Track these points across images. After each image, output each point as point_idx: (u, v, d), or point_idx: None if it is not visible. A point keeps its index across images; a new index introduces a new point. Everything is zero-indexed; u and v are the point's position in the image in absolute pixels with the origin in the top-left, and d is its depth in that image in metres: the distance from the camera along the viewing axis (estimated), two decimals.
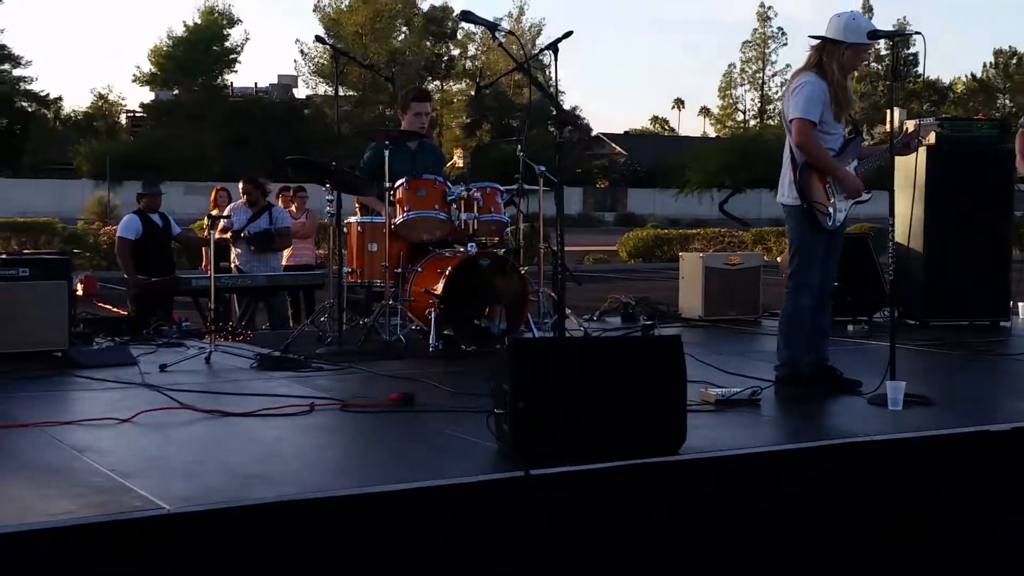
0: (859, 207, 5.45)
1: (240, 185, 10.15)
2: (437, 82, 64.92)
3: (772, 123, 76.09)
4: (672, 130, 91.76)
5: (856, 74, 48.11)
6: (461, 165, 7.24)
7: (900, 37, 5.08)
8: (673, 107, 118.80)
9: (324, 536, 3.26)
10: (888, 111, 5.34)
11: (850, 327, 7.78)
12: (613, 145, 65.92)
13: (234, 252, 9.82)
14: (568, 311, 7.06)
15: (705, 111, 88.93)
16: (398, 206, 6.71)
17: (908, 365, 6.39)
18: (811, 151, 5.14)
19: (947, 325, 7.92)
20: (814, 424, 4.80)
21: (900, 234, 8.28)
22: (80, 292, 9.28)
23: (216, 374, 5.73)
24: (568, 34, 6.19)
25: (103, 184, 42.67)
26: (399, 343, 6.48)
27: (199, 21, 57.23)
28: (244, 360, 6.06)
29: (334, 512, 3.31)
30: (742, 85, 78.40)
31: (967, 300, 8.03)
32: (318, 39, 7.56)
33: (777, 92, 78.78)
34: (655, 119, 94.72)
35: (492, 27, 5.60)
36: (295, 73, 62.91)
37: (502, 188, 6.96)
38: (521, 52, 6.27)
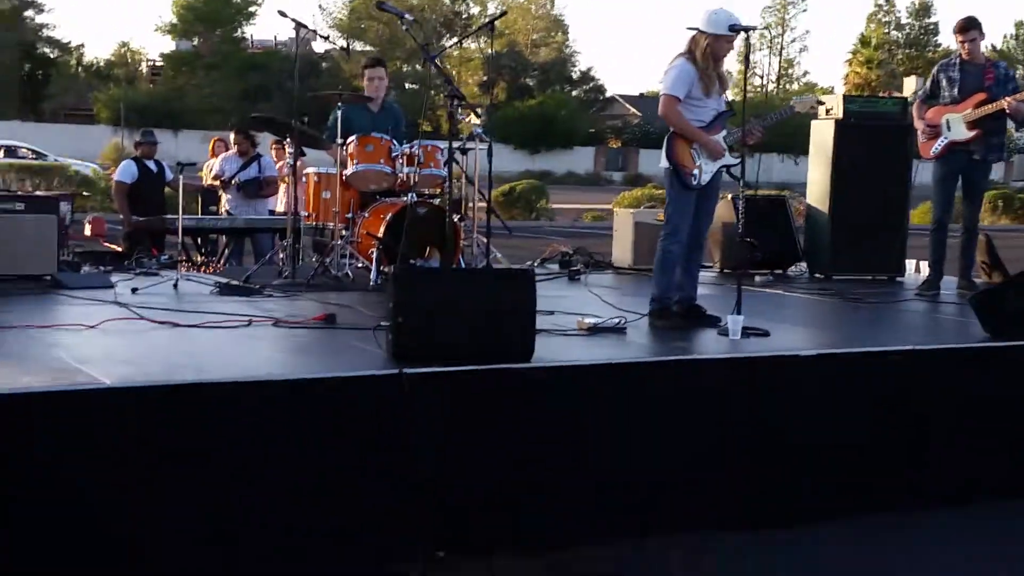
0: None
1: (231, 136, 11.15)
2: (455, 39, 65.55)
3: (794, 88, 76.52)
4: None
5: (874, 41, 48.24)
6: (478, 121, 8.04)
7: (753, 30, 5.97)
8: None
9: (231, 413, 4.22)
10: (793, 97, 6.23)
11: (757, 278, 8.72)
12: (627, 106, 66.53)
13: (225, 198, 10.84)
14: (498, 255, 8.04)
15: (743, 60, 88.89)
16: (349, 159, 7.68)
17: (786, 309, 7.42)
18: (672, 121, 6.08)
19: (849, 279, 8.82)
20: (659, 347, 5.74)
21: (812, 198, 9.27)
22: (89, 232, 10.34)
23: (180, 297, 6.71)
24: (503, 13, 7.14)
25: (121, 130, 43.71)
26: (346, 277, 7.46)
27: None
28: (207, 287, 7.06)
29: (238, 393, 4.26)
30: (760, 50, 78.59)
31: (868, 257, 8.94)
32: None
33: (796, 57, 79.21)
34: None
35: (401, 16, 6.49)
36: (313, 27, 63.57)
37: (441, 146, 7.87)
38: (423, 39, 7.07)
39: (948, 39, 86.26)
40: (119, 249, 9.58)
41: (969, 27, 7.93)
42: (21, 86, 53.26)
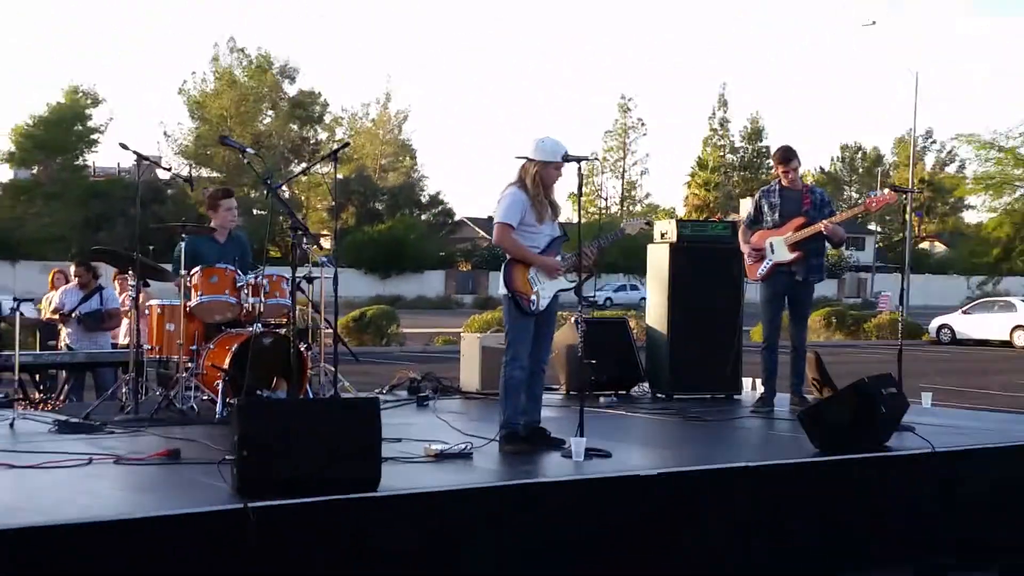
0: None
1: (72, 268, 11.00)
2: (303, 164, 65.83)
3: (636, 209, 78.93)
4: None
5: (710, 164, 50.50)
6: (327, 248, 8.16)
7: (585, 161, 6.28)
8: None
9: (76, 555, 4.16)
10: (624, 219, 6.53)
11: (601, 399, 8.95)
12: (476, 229, 67.68)
13: (64, 331, 10.63)
14: (346, 383, 8.10)
15: (574, 196, 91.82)
16: (193, 291, 7.68)
17: (628, 429, 7.64)
18: (507, 247, 6.32)
19: (689, 398, 9.14)
20: (505, 471, 5.86)
21: (651, 319, 9.61)
22: None
23: (16, 436, 6.56)
24: (345, 145, 7.30)
25: None
26: (191, 411, 7.39)
27: (62, 100, 57.26)
28: (45, 425, 6.90)
29: (84, 535, 4.21)
30: (603, 173, 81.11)
31: (705, 376, 9.27)
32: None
33: (638, 180, 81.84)
34: None
35: (243, 150, 6.65)
36: (158, 154, 63.20)
37: (287, 276, 7.94)
38: (266, 169, 7.22)
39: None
40: None
41: (790, 158, 8.51)
42: None
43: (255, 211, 52.87)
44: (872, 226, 62.57)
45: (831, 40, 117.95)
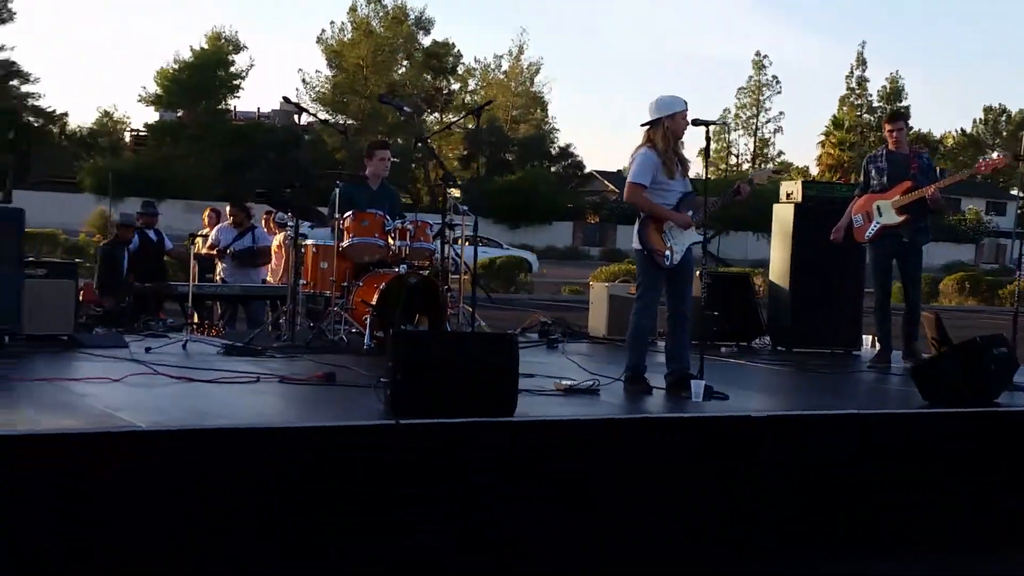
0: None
1: (227, 208, 11.84)
2: (436, 114, 66.77)
3: (769, 167, 78.05)
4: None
5: (846, 123, 49.28)
6: (458, 195, 8.82)
7: (713, 124, 6.68)
8: None
9: (253, 457, 4.82)
10: (752, 169, 6.93)
11: (723, 349, 9.38)
12: (606, 182, 67.68)
13: (220, 266, 11.49)
14: (482, 323, 8.69)
15: (703, 153, 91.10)
16: (345, 233, 8.35)
17: (751, 377, 8.07)
18: (640, 206, 6.73)
19: (809, 352, 9.50)
20: (628, 406, 6.37)
21: (775, 275, 9.98)
22: (80, 298, 10.92)
23: (190, 356, 7.33)
24: (488, 103, 7.89)
25: (105, 199, 44.34)
26: (341, 342, 8.09)
27: (206, 46, 59.11)
28: (214, 348, 7.68)
29: (260, 439, 4.87)
30: (736, 130, 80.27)
31: (826, 331, 9.64)
32: (285, 99, 8.73)
33: (771, 138, 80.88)
34: None
35: (400, 108, 7.22)
36: (296, 100, 64.77)
37: (432, 222, 8.56)
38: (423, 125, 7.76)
39: (918, 122, 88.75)
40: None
41: (897, 118, 8.76)
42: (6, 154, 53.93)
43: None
44: (1015, 191, 60.91)
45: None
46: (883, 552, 6.03)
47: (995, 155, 8.68)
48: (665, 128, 6.69)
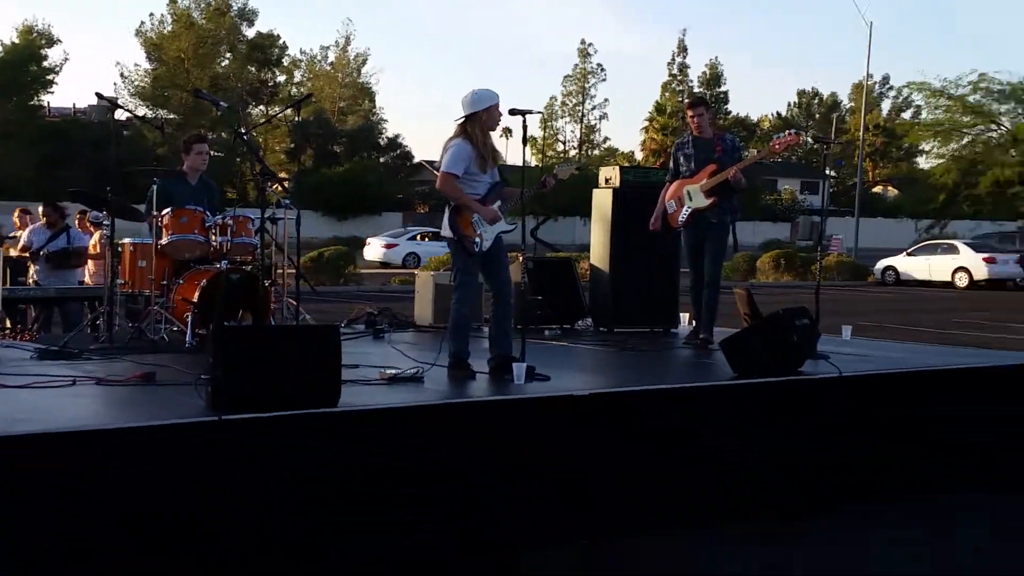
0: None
1: (40, 208, 11.48)
2: (261, 107, 65.66)
3: (595, 153, 79.50)
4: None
5: (668, 109, 50.80)
6: (284, 189, 8.71)
7: (530, 114, 6.84)
8: (501, 135, 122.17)
9: (68, 463, 4.73)
10: (557, 165, 7.10)
11: (546, 332, 9.59)
12: (434, 172, 67.60)
13: (33, 268, 11.14)
14: (307, 317, 8.67)
15: (532, 141, 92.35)
16: (164, 230, 8.21)
17: (569, 358, 8.28)
18: (451, 195, 6.88)
19: (629, 332, 9.80)
20: (452, 391, 6.49)
21: (595, 259, 10.25)
22: None
23: (1, 362, 7.09)
24: (308, 96, 7.93)
25: None
26: (162, 341, 7.95)
27: (17, 40, 56.72)
28: (27, 353, 7.44)
29: (76, 443, 4.78)
30: (563, 117, 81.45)
31: (646, 311, 9.97)
32: (98, 95, 8.49)
33: (597, 124, 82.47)
34: None
35: (216, 103, 7.17)
36: (115, 95, 62.76)
37: (253, 217, 8.48)
38: (248, 118, 7.74)
39: (737, 106, 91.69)
40: None
41: (697, 104, 9.08)
42: None
43: (212, 153, 52.83)
44: (828, 171, 63.76)
45: None
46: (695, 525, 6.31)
47: (786, 133, 9.05)
48: (482, 121, 6.83)
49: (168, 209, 8.26)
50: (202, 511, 4.95)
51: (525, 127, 6.97)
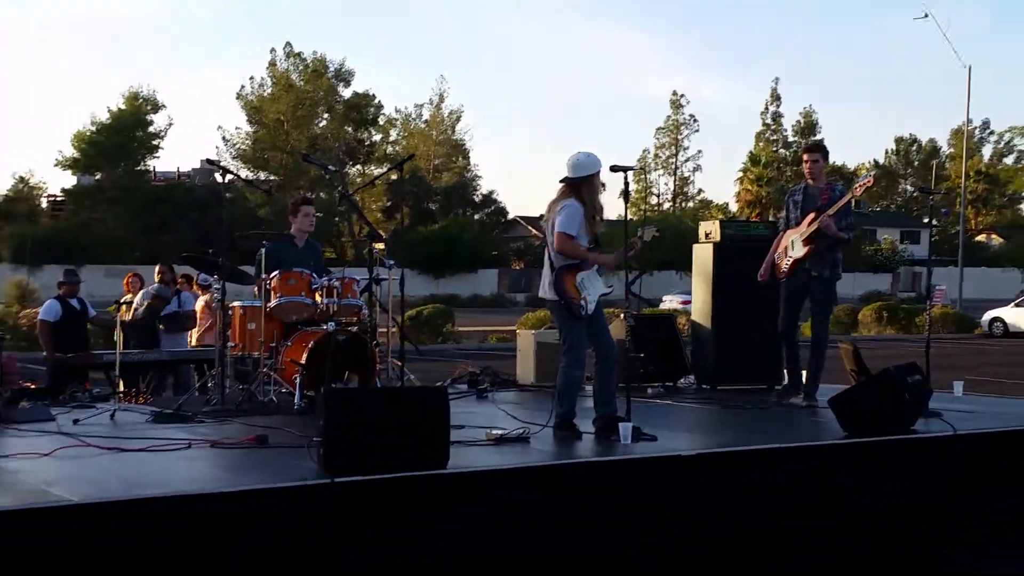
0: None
1: (156, 268, 11.83)
2: (358, 166, 66.84)
3: (690, 206, 79.29)
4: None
5: (763, 159, 50.68)
6: (382, 247, 8.93)
7: (632, 170, 6.90)
8: None
9: (186, 525, 4.84)
10: (639, 228, 7.16)
11: (649, 390, 9.55)
12: (529, 228, 68.20)
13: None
14: (411, 376, 8.76)
15: (624, 194, 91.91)
16: (272, 293, 8.40)
17: (674, 416, 8.24)
18: (573, 254, 6.91)
19: (732, 389, 9.71)
20: (559, 452, 6.49)
21: (697, 314, 10.20)
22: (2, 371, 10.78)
23: (119, 426, 7.29)
24: (411, 156, 8.00)
25: (22, 268, 43.69)
26: (271, 403, 8.10)
27: (123, 106, 58.62)
28: (143, 416, 7.64)
29: (194, 506, 4.89)
30: (656, 170, 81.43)
31: (749, 368, 9.86)
32: (206, 161, 8.90)
33: (691, 176, 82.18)
34: None
35: (325, 168, 7.34)
36: (217, 158, 64.51)
37: (358, 278, 8.63)
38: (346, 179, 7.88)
39: (833, 155, 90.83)
40: (39, 386, 10.05)
41: (813, 149, 8.92)
42: None
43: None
44: (933, 222, 62.74)
45: (884, 33, 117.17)
46: None
47: (865, 177, 8.94)
48: (591, 184, 6.94)
49: (276, 272, 8.44)
50: (319, 573, 5.01)
51: (627, 183, 7.00)
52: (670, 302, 40.35)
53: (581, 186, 6.94)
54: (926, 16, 41.60)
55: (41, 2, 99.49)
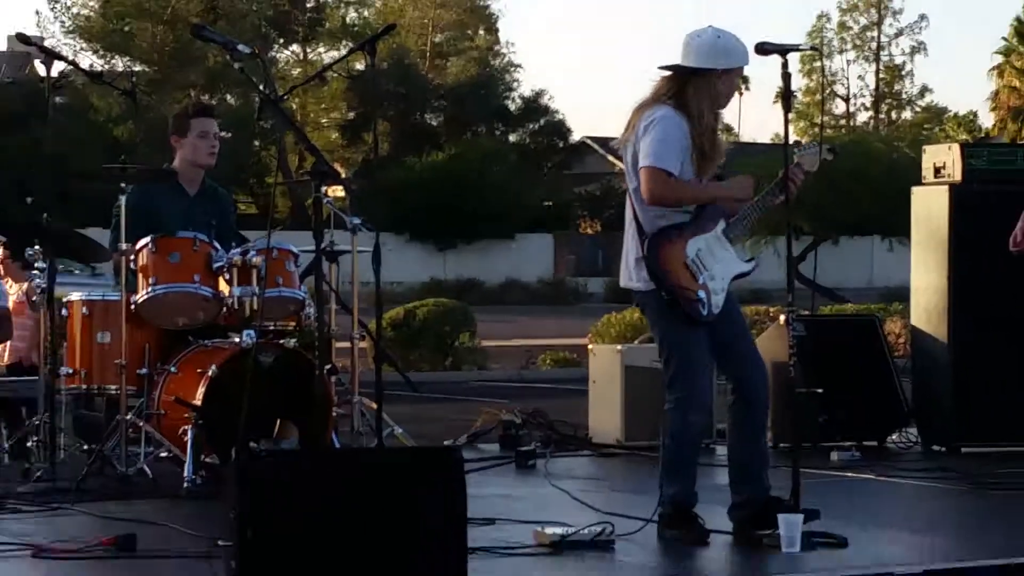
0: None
1: None
2: (295, 46, 66.69)
3: (905, 116, 79.15)
4: (729, 129, 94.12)
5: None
6: (340, 194, 8.88)
7: (795, 50, 6.82)
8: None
9: None
10: (799, 149, 7.09)
11: (835, 454, 9.49)
12: (610, 158, 66.93)
13: None
14: (397, 429, 8.78)
15: (783, 96, 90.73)
16: (141, 277, 8.41)
17: (880, 503, 8.22)
18: (671, 201, 6.80)
19: (987, 452, 9.63)
20: (662, 570, 6.47)
21: (920, 316, 10.10)
22: None
23: None
24: (390, 28, 8.00)
25: None
26: (141, 476, 8.12)
27: None
28: None
29: None
30: (843, 51, 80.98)
31: (1014, 417, 9.76)
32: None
33: (906, 63, 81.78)
34: None
35: (232, 48, 7.32)
36: (39, 34, 64.64)
37: (295, 250, 8.62)
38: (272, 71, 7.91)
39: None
40: None
41: None
42: None
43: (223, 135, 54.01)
44: None
45: None
46: None
47: None
48: (715, 86, 6.81)
49: (148, 239, 8.43)
50: None
51: (787, 75, 6.90)
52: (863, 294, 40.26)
53: (690, 87, 6.83)
54: None
55: None
